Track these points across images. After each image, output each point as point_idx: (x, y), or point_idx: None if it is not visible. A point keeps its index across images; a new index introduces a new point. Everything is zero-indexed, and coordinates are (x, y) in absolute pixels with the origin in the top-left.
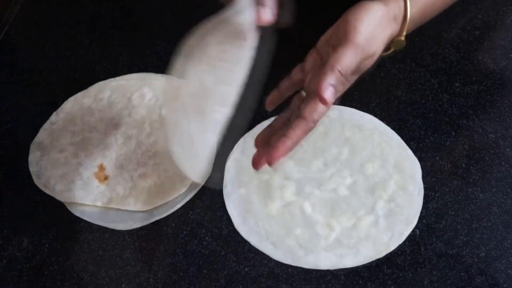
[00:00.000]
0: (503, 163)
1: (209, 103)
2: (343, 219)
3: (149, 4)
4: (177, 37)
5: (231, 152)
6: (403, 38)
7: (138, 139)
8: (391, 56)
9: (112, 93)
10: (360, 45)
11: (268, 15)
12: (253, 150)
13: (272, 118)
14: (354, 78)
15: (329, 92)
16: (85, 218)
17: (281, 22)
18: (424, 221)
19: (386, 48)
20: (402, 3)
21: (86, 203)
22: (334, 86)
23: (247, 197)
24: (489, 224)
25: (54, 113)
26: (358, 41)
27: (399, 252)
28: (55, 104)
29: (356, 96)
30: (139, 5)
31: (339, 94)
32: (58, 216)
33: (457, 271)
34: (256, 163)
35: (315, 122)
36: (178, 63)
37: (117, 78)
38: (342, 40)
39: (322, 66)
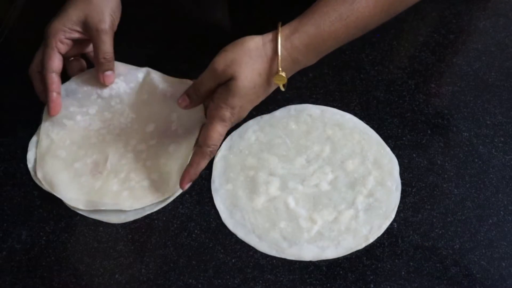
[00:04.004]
0: (476, 160)
1: None
2: (324, 213)
3: (140, 9)
4: (168, 40)
5: (219, 150)
6: (282, 74)
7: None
8: (371, 58)
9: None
10: (218, 70)
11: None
12: (241, 148)
13: (264, 116)
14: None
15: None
16: (80, 212)
17: None
18: (401, 215)
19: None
20: (274, 43)
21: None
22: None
23: (234, 192)
24: (463, 217)
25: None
26: (216, 67)
27: (378, 244)
28: None
29: (337, 96)
30: (131, 10)
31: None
32: (55, 210)
33: (433, 262)
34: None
35: (211, 147)
36: None
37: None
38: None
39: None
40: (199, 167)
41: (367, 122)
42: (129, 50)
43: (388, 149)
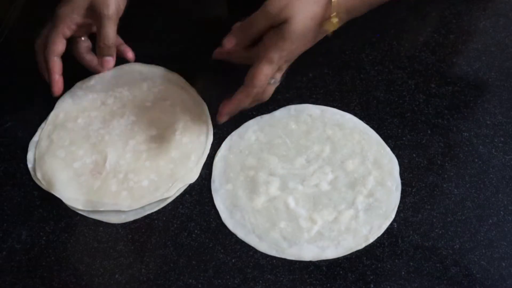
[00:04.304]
0: (476, 160)
1: None
2: (324, 213)
3: (141, 9)
4: (168, 40)
5: (219, 150)
6: (334, 19)
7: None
8: (371, 58)
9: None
10: (272, 12)
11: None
12: (241, 148)
13: (264, 116)
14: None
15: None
16: (80, 212)
17: None
18: (401, 215)
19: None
20: None
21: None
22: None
23: (234, 192)
24: (463, 217)
25: (52, 113)
26: (270, 9)
27: (378, 244)
28: (52, 104)
29: (337, 96)
30: (131, 10)
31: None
32: (55, 210)
33: (433, 262)
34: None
35: (256, 87)
36: None
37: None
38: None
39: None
40: (241, 105)
41: (367, 122)
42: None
43: (388, 149)
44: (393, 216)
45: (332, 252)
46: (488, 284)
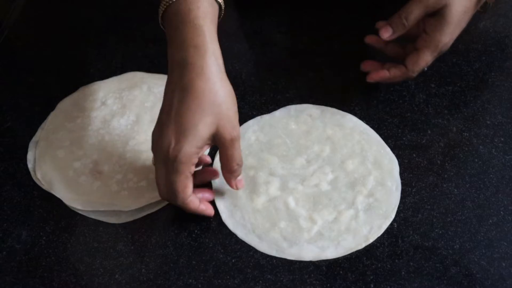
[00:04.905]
0: (476, 160)
1: None
2: (324, 213)
3: (140, 10)
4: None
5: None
6: None
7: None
8: (370, 59)
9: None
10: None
11: None
12: (241, 148)
13: (264, 116)
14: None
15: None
16: (80, 212)
17: None
18: (401, 215)
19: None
20: None
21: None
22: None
23: (235, 192)
24: (463, 217)
25: (52, 113)
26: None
27: (378, 244)
28: (52, 104)
29: (337, 96)
30: (131, 10)
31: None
32: (55, 210)
33: (433, 262)
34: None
35: (415, 73)
36: None
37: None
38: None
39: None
40: (393, 80)
41: (367, 122)
42: (130, 50)
43: (388, 149)
44: (393, 216)
45: (332, 252)
46: (488, 284)
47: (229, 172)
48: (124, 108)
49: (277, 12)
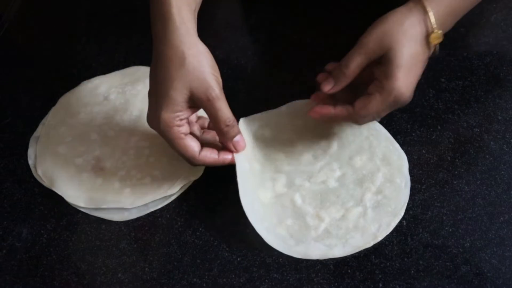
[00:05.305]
0: (487, 156)
1: None
2: (332, 211)
3: (143, 2)
4: None
5: None
6: (438, 31)
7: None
8: None
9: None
10: (369, 44)
11: None
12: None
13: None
14: None
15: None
16: (82, 210)
17: None
18: (410, 212)
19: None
20: (420, 3)
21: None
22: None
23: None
24: (474, 215)
25: (53, 108)
26: (367, 41)
27: (387, 243)
28: (54, 99)
29: None
30: (134, 3)
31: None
32: (56, 207)
33: (443, 260)
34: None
35: (361, 118)
36: None
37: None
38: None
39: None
40: (337, 120)
41: None
42: (133, 44)
43: (397, 145)
44: (402, 213)
45: (339, 250)
46: (499, 283)
47: (220, 134)
48: (127, 103)
49: (283, 6)
